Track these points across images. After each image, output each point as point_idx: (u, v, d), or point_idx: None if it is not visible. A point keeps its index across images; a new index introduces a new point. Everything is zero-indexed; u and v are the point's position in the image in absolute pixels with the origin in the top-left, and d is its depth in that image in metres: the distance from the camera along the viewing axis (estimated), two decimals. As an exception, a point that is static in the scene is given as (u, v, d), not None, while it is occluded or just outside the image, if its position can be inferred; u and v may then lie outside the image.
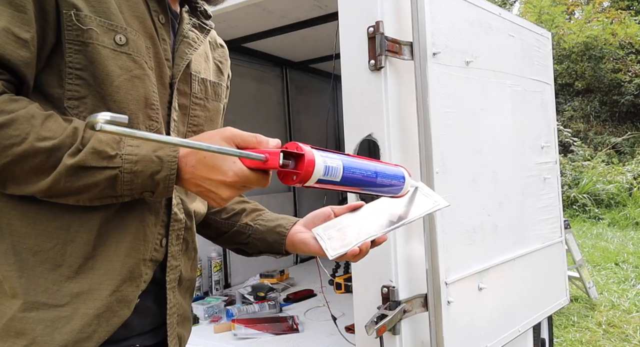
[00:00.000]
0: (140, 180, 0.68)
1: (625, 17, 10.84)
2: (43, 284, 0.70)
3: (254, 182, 0.68)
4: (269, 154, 0.65)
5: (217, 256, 2.78)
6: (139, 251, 0.76)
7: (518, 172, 1.91)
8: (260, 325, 2.18)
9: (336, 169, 0.69)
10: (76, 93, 0.71)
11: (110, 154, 0.67)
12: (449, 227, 1.48)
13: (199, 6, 0.92)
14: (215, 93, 0.94)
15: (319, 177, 0.67)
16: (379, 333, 1.33)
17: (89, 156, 0.66)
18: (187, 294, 0.92)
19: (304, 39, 2.79)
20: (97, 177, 0.67)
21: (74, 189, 0.67)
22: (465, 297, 1.54)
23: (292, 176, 0.66)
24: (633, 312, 3.80)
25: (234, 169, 0.66)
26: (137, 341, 0.81)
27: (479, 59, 1.67)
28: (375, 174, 0.77)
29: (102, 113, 0.51)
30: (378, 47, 1.39)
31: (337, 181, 0.70)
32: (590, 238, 6.51)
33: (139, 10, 0.78)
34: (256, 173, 0.67)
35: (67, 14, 0.69)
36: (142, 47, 0.76)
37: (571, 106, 10.61)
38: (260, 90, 3.24)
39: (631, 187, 8.16)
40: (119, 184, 0.68)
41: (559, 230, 2.17)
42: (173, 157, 0.69)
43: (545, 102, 2.13)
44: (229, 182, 0.67)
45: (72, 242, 0.72)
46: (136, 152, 0.68)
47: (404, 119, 1.46)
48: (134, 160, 0.68)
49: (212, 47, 1.00)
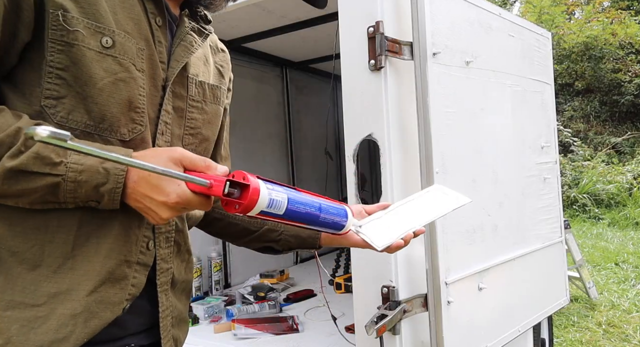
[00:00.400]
0: (84, 190, 0.67)
1: (625, 17, 10.84)
2: (21, 284, 0.70)
3: (196, 205, 0.68)
4: (215, 180, 0.65)
5: (217, 256, 2.78)
6: (121, 252, 0.76)
7: (518, 172, 1.91)
8: (260, 325, 2.18)
9: (280, 203, 0.70)
10: (55, 92, 0.70)
11: (55, 161, 0.65)
12: (449, 227, 1.48)
13: (199, 11, 0.93)
14: (214, 96, 0.93)
15: (261, 209, 0.68)
16: (379, 333, 1.33)
17: (31, 161, 0.64)
18: (183, 296, 0.92)
19: (304, 39, 2.79)
20: (37, 183, 0.65)
21: (11, 192, 0.66)
22: (465, 297, 1.54)
23: (234, 204, 0.67)
24: (633, 312, 3.80)
25: (177, 192, 0.65)
26: (132, 341, 0.81)
27: (479, 59, 1.67)
28: (319, 209, 0.79)
29: (42, 127, 0.49)
30: (378, 47, 1.39)
31: (280, 214, 0.71)
32: (590, 238, 6.51)
33: (135, 12, 0.78)
34: (199, 197, 0.67)
35: (54, 14, 0.69)
36: (131, 50, 0.76)
37: (571, 106, 10.61)
38: (260, 90, 3.24)
39: (631, 187, 8.16)
40: (61, 192, 0.66)
41: (559, 230, 2.17)
42: (121, 170, 0.67)
43: (545, 102, 2.13)
44: (171, 203, 0.66)
45: (50, 243, 0.71)
46: (82, 162, 0.66)
47: (404, 119, 1.46)
48: (79, 169, 0.66)
49: (213, 51, 1.00)
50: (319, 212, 0.79)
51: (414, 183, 1.46)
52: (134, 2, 0.78)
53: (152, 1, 0.81)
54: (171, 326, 0.86)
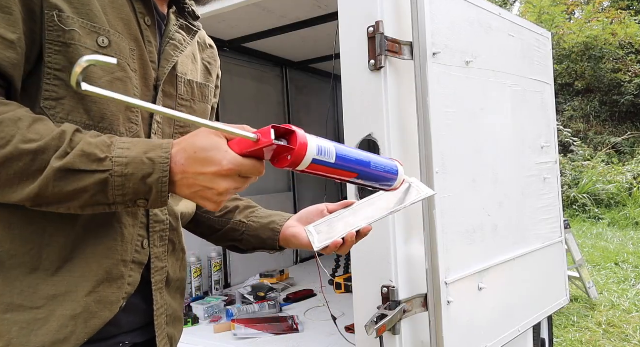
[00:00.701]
0: (132, 184, 0.66)
1: (625, 17, 10.84)
2: (19, 287, 0.70)
3: (250, 169, 0.65)
4: (261, 132, 0.63)
5: (217, 256, 2.78)
6: (117, 252, 0.76)
7: (518, 172, 1.91)
8: (260, 325, 2.18)
9: (329, 150, 0.67)
10: (54, 94, 0.70)
11: (100, 157, 0.65)
12: (449, 227, 1.48)
13: (187, 7, 0.93)
14: (202, 94, 0.94)
15: (313, 157, 0.64)
16: (379, 333, 1.33)
17: (77, 159, 0.64)
18: (178, 295, 0.92)
19: (304, 39, 2.79)
20: (86, 181, 0.65)
21: (63, 195, 0.65)
22: (465, 297, 1.54)
23: (286, 155, 0.64)
24: (633, 312, 3.80)
25: (227, 158, 0.64)
26: (126, 338, 0.81)
27: (479, 59, 1.68)
28: (368, 160, 0.74)
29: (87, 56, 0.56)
30: (378, 47, 1.39)
31: (332, 162, 0.67)
32: (590, 238, 6.51)
33: (124, 12, 0.78)
34: (250, 160, 0.65)
35: (50, 14, 0.69)
36: (126, 50, 0.76)
37: (571, 106, 10.61)
38: (260, 90, 3.24)
39: (631, 187, 8.16)
40: (110, 189, 0.65)
41: (559, 230, 2.17)
42: (165, 158, 0.66)
43: (545, 102, 2.13)
44: (225, 171, 0.64)
45: (48, 246, 0.71)
46: (126, 155, 0.66)
47: (404, 119, 1.46)
48: (125, 162, 0.65)
49: (201, 48, 1.00)
50: (369, 162, 0.74)
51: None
52: (123, 3, 0.79)
53: (141, 1, 0.82)
54: (166, 324, 0.87)
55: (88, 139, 0.66)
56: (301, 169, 0.65)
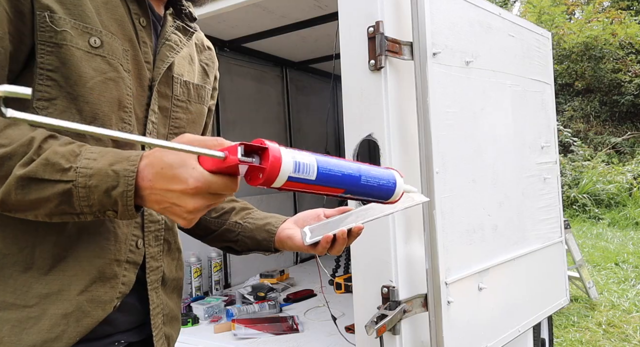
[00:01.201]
0: (96, 196, 0.63)
1: (625, 17, 10.84)
2: (12, 285, 0.70)
3: (220, 186, 0.61)
4: (228, 150, 0.59)
5: (217, 256, 2.78)
6: (110, 251, 0.76)
7: (518, 172, 1.91)
8: (260, 325, 2.18)
9: (309, 166, 0.62)
10: (46, 94, 0.70)
11: (64, 167, 0.63)
12: (449, 227, 1.48)
13: (184, 8, 0.93)
14: (198, 95, 0.94)
15: (288, 175, 0.60)
16: (379, 333, 1.33)
17: (41, 168, 0.63)
18: (174, 294, 0.92)
19: (304, 39, 2.79)
20: (49, 191, 0.63)
21: (26, 203, 0.64)
22: (465, 297, 1.54)
23: (258, 173, 0.59)
24: (633, 312, 3.80)
25: (194, 175, 0.60)
26: (121, 337, 0.81)
27: (479, 59, 1.68)
28: (358, 173, 0.68)
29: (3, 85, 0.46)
30: (378, 47, 1.39)
31: (312, 179, 0.62)
32: (590, 238, 6.51)
33: (118, 13, 0.78)
34: (220, 177, 0.61)
35: (41, 15, 0.69)
36: (119, 50, 0.76)
37: (571, 106, 10.61)
38: (260, 90, 3.24)
39: (631, 187, 8.16)
40: (76, 199, 0.63)
41: (559, 230, 2.17)
42: (131, 171, 0.63)
43: (545, 102, 2.14)
44: (191, 189, 0.60)
45: (40, 245, 0.71)
46: (92, 166, 0.64)
47: (404, 119, 1.46)
48: (89, 173, 0.63)
49: (199, 49, 1.00)
50: (359, 174, 0.68)
51: (414, 183, 1.45)
52: (117, 3, 0.79)
53: (136, 2, 0.82)
54: (162, 323, 0.87)
55: (56, 147, 0.64)
56: (276, 186, 0.61)
